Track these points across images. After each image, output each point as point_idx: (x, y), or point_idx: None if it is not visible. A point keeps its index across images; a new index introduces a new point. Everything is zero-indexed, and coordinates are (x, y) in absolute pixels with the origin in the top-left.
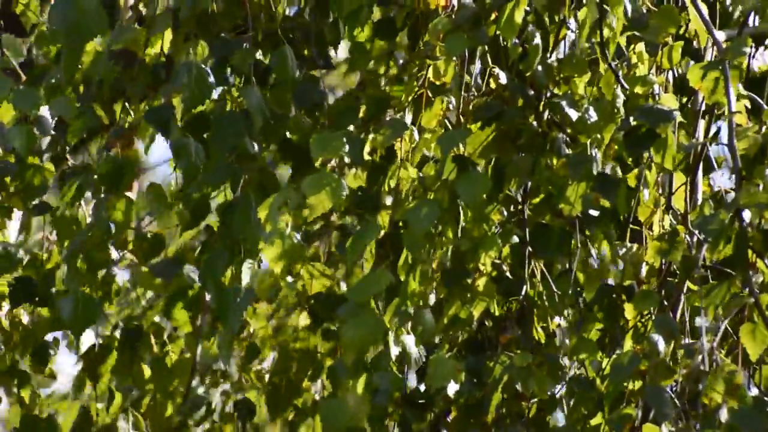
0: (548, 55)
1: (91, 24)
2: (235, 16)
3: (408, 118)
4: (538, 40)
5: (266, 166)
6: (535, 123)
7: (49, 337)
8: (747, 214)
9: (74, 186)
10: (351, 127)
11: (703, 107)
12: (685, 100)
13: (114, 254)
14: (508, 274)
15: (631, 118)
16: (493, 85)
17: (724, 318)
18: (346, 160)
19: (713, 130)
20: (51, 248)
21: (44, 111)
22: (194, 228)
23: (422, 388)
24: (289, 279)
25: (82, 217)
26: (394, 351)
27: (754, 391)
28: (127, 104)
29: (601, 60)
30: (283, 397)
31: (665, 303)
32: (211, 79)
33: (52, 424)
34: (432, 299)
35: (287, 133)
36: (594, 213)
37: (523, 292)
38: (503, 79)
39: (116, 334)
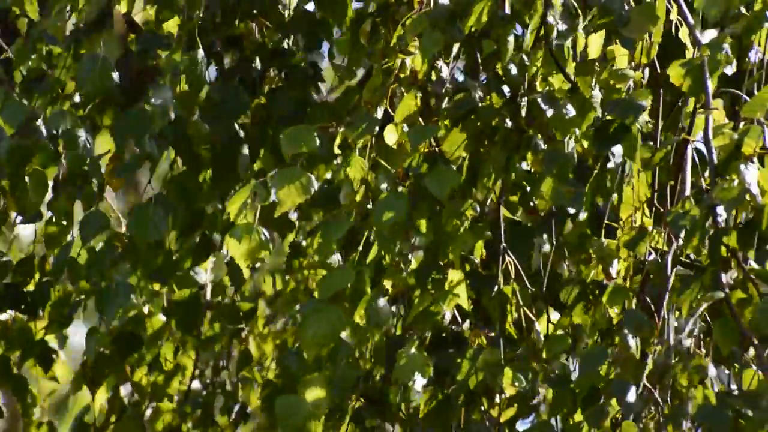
0: (522, 52)
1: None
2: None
3: (380, 113)
4: (510, 36)
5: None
6: (509, 121)
7: None
8: (721, 210)
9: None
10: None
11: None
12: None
13: None
14: (480, 270)
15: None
16: (461, 79)
17: (695, 314)
18: None
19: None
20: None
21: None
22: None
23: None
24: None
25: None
26: None
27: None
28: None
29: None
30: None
31: (648, 300)
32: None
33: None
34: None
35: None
36: (571, 210)
37: (495, 289)
38: (460, 76)
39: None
